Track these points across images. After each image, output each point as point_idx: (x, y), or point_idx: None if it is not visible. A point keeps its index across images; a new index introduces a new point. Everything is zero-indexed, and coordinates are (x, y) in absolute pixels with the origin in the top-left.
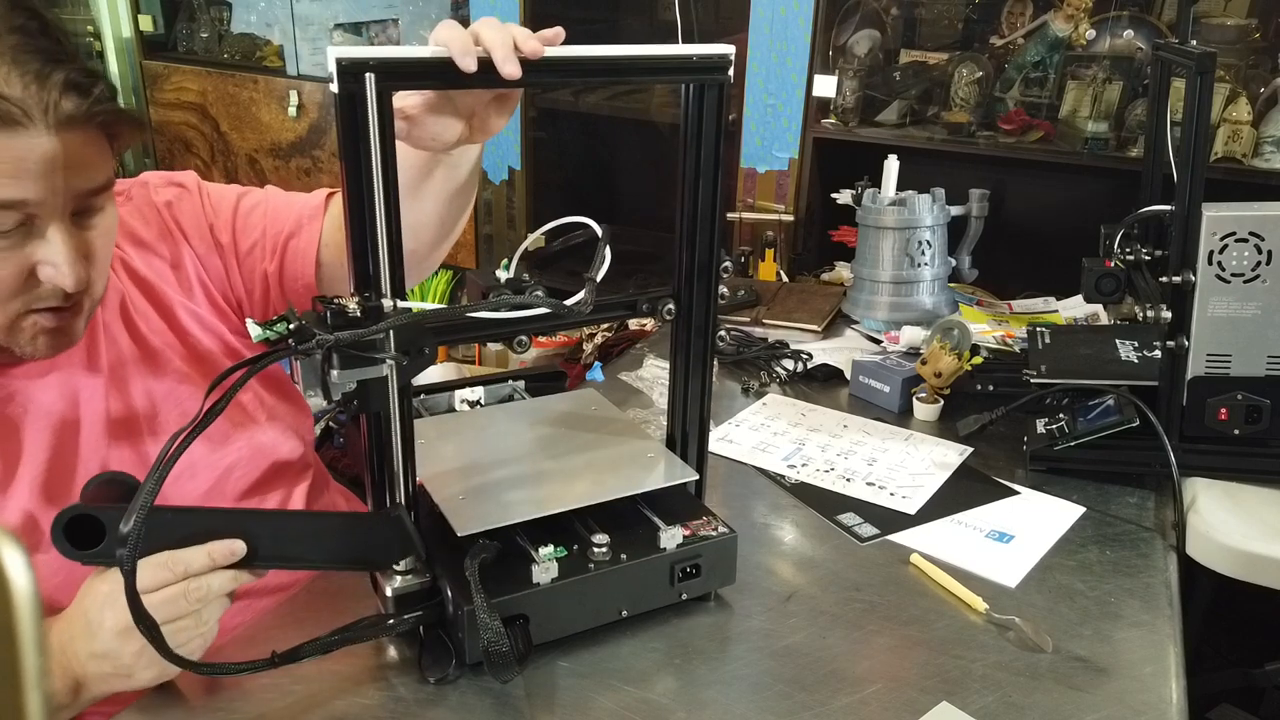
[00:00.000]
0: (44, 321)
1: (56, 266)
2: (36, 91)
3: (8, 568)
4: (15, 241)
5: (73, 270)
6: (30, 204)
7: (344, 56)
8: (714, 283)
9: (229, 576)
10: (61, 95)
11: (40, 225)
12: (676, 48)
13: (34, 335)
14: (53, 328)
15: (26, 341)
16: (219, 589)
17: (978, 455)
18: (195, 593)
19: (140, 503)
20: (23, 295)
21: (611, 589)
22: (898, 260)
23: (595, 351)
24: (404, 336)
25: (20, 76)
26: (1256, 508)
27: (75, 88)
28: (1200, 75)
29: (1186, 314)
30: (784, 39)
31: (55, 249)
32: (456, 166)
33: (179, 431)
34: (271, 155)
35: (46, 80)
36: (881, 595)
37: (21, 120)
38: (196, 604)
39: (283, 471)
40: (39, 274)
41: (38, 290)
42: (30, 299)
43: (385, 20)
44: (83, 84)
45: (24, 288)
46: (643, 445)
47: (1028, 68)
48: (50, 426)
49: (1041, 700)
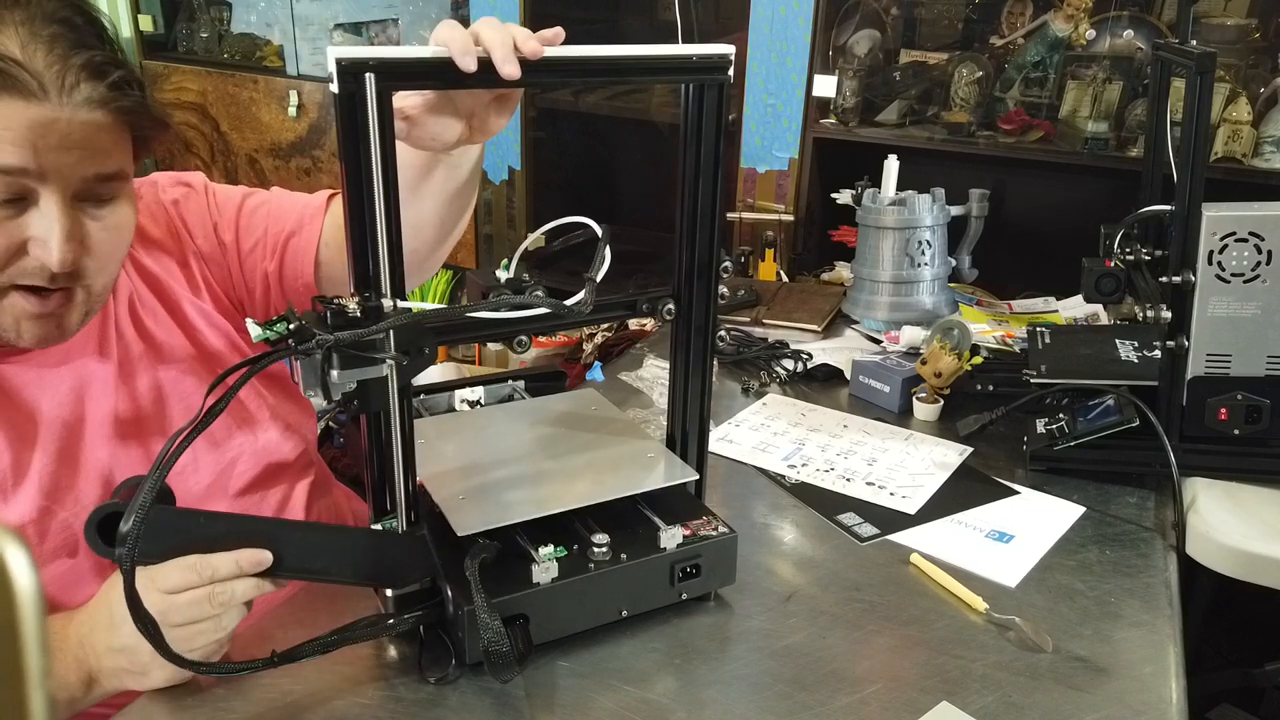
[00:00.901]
0: (25, 304)
1: (45, 244)
2: (57, 68)
3: (10, 566)
4: (11, 214)
5: (60, 249)
6: (30, 173)
7: (344, 56)
8: (714, 283)
9: (252, 584)
10: (80, 76)
11: (38, 201)
12: (676, 48)
13: (16, 319)
14: (35, 313)
15: (9, 325)
16: (242, 596)
17: (978, 455)
18: (219, 597)
19: (140, 502)
20: (8, 270)
21: (611, 589)
22: (898, 260)
23: (595, 351)
24: (404, 336)
25: (46, 54)
26: (1256, 508)
27: (96, 72)
28: (1200, 75)
29: (1186, 314)
30: (784, 39)
31: (48, 225)
32: (457, 167)
33: (180, 430)
34: (271, 155)
35: (69, 59)
36: (881, 595)
37: (35, 92)
38: (219, 608)
39: (284, 470)
40: (29, 249)
41: (22, 264)
42: (14, 273)
43: (385, 20)
44: (104, 69)
45: (10, 262)
46: (643, 445)
47: (1028, 68)
48: (58, 421)
49: (1041, 700)
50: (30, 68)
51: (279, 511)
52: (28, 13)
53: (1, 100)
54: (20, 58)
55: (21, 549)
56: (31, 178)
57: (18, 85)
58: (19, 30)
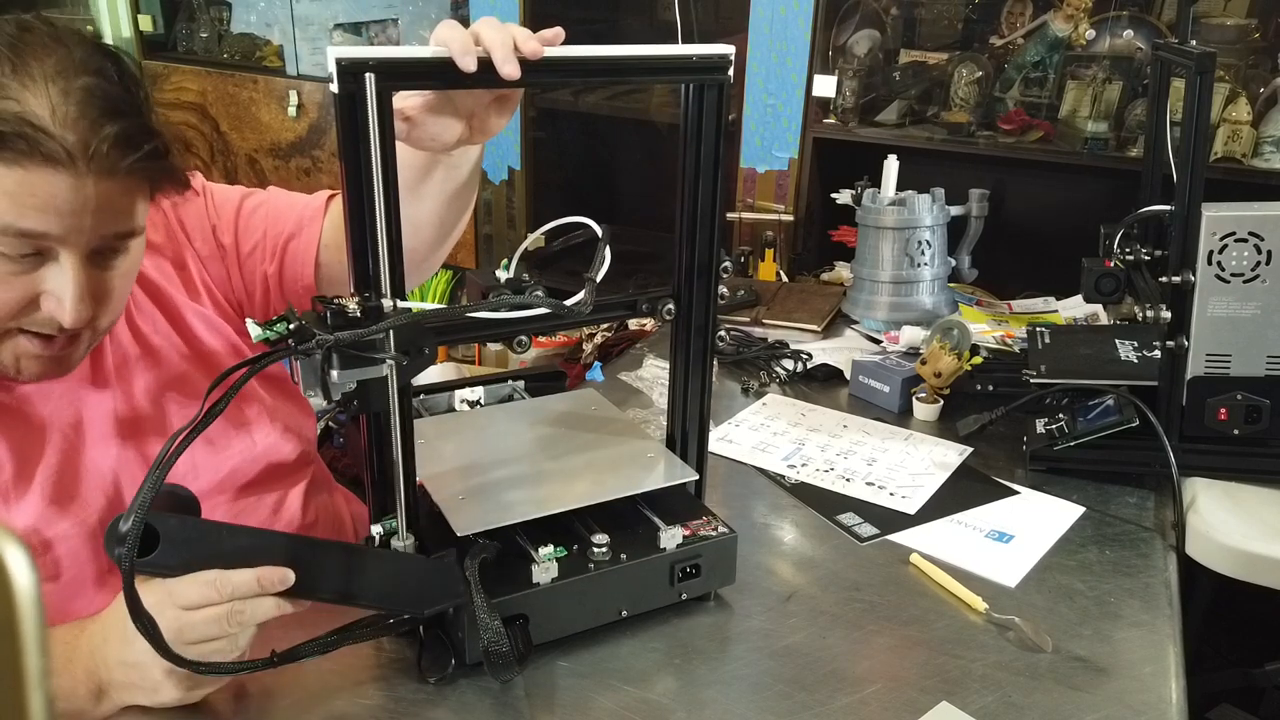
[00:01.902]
0: (29, 346)
1: (60, 301)
2: (86, 136)
3: (10, 566)
4: (27, 268)
5: (75, 308)
6: (51, 237)
7: (344, 56)
8: (714, 283)
9: (272, 605)
10: (110, 146)
11: (56, 257)
12: (676, 48)
13: (17, 358)
14: (38, 354)
15: (9, 363)
16: (261, 616)
17: (977, 455)
18: (237, 617)
19: (140, 502)
20: (17, 318)
21: (611, 589)
22: (897, 260)
23: (595, 351)
24: (404, 336)
25: (76, 120)
26: (1256, 508)
27: (127, 142)
28: (1200, 75)
29: (1186, 314)
30: (784, 39)
31: (63, 283)
32: (457, 167)
33: (178, 431)
34: (271, 155)
35: (100, 130)
36: (881, 595)
37: (63, 161)
38: (235, 628)
39: (280, 472)
40: (40, 303)
41: (34, 316)
42: (24, 321)
43: (385, 20)
44: (135, 139)
45: (22, 313)
46: (643, 445)
47: (1027, 68)
48: (59, 430)
49: (1041, 700)
50: (59, 138)
51: (274, 512)
52: (60, 63)
53: (28, 167)
54: (50, 126)
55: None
56: (52, 240)
57: (44, 152)
58: (50, 88)
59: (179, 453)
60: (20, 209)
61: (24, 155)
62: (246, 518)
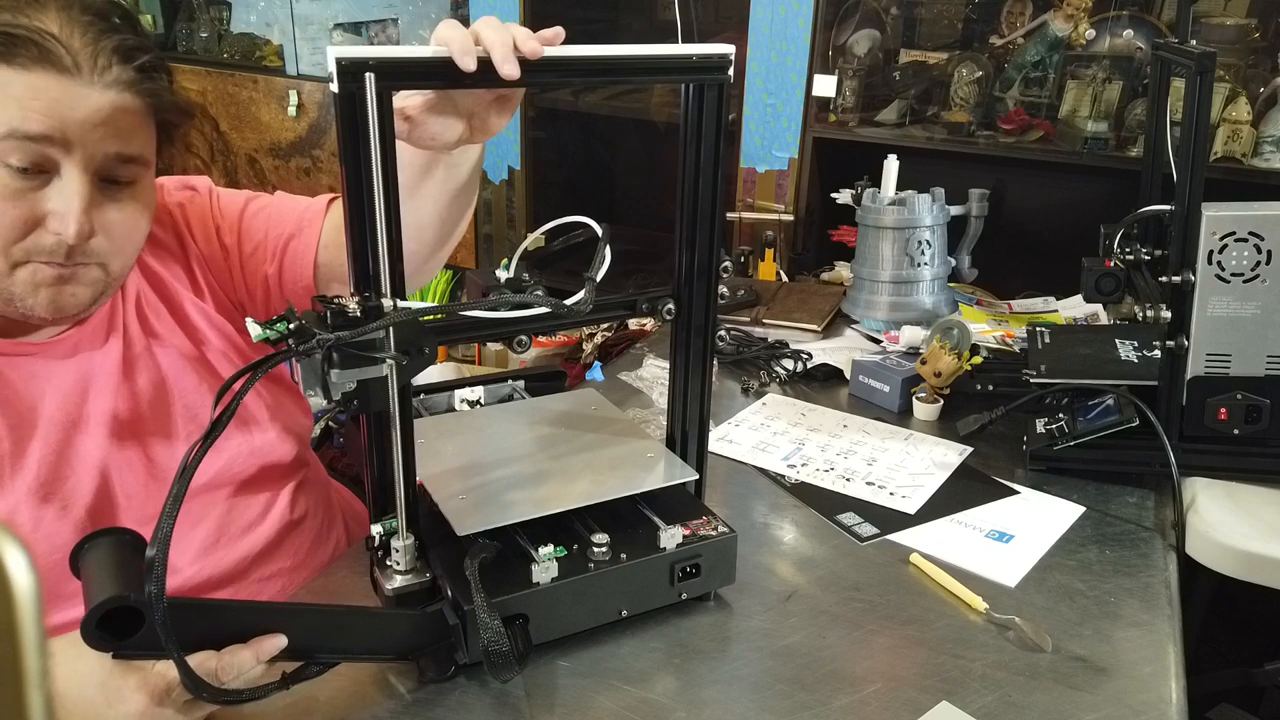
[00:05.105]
0: (43, 270)
1: (63, 216)
2: (91, 48)
3: (10, 566)
4: (33, 185)
5: (77, 219)
6: (55, 142)
7: (344, 56)
8: (714, 282)
9: (261, 671)
10: (112, 59)
11: (61, 172)
12: (676, 47)
13: (34, 286)
14: (52, 277)
15: (26, 292)
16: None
17: (977, 455)
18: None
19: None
20: (24, 243)
21: (611, 589)
22: (897, 260)
23: (595, 351)
24: (404, 336)
25: (82, 34)
26: (1256, 507)
27: (127, 55)
28: (1200, 75)
29: (1186, 314)
30: (784, 39)
31: (66, 197)
32: (457, 167)
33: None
34: (271, 155)
35: (101, 41)
36: (881, 595)
37: (69, 67)
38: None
39: (273, 472)
40: (47, 224)
41: (41, 241)
42: (31, 248)
43: (385, 20)
44: (134, 53)
45: (28, 235)
46: (643, 445)
47: (1027, 67)
48: (60, 414)
49: (1041, 700)
50: (66, 44)
51: (265, 511)
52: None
53: (35, 72)
54: (57, 34)
55: (20, 549)
56: (56, 147)
57: (52, 59)
58: (59, 14)
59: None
60: (26, 113)
61: (33, 61)
62: (238, 514)
